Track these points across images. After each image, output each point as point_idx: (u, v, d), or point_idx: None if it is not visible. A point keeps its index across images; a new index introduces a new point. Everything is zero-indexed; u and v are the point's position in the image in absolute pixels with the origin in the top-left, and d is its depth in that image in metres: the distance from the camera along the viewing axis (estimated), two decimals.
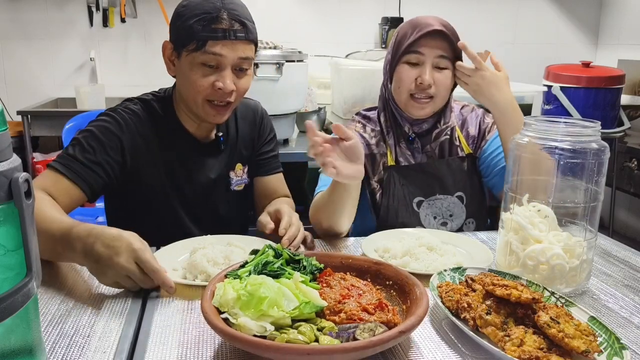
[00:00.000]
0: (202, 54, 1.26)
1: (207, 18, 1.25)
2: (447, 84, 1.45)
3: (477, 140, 1.57)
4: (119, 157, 1.33)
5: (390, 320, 0.84)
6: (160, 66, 1.42)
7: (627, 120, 3.02)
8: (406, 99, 1.47)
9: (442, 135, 1.53)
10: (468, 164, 1.55)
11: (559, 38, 3.92)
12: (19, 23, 3.35)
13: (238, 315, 0.81)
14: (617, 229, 3.63)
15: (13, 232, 0.65)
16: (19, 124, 2.96)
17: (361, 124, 1.60)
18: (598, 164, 1.04)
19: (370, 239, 1.27)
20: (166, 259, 1.13)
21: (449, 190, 1.52)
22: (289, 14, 3.58)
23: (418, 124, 1.52)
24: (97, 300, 1.00)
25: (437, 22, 1.43)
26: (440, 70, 1.44)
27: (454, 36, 1.44)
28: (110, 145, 1.31)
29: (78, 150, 1.28)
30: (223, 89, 1.29)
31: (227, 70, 1.29)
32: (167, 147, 1.40)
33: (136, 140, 1.36)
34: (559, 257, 1.04)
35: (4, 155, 0.64)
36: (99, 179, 1.29)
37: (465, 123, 1.59)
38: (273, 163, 1.60)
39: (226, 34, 1.25)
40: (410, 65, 1.45)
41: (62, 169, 1.25)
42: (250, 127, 1.55)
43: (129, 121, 1.36)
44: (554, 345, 0.80)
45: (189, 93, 1.32)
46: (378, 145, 1.55)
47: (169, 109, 1.41)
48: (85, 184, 1.26)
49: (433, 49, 1.42)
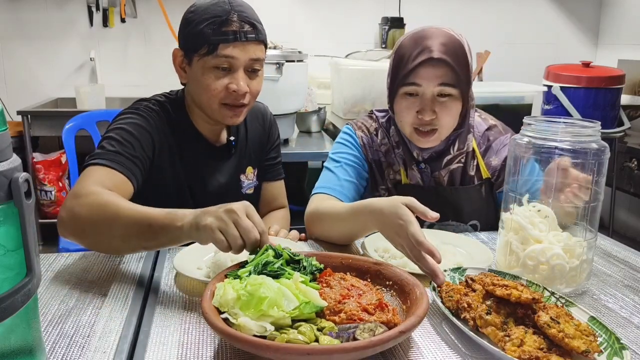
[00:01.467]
0: (214, 58, 1.26)
1: (217, 21, 1.25)
2: (452, 113, 1.34)
3: (499, 172, 1.46)
4: (150, 153, 1.32)
5: (390, 320, 0.84)
6: (160, 66, 1.42)
7: (627, 120, 3.02)
8: (410, 132, 1.37)
9: (454, 162, 1.42)
10: (485, 189, 1.46)
11: (559, 38, 3.92)
12: (19, 23, 3.35)
13: (238, 315, 0.81)
14: (617, 229, 3.63)
15: (13, 232, 0.65)
16: (19, 124, 2.96)
17: (376, 124, 1.50)
18: (598, 164, 1.04)
19: (370, 239, 1.27)
20: (191, 257, 1.14)
21: (463, 218, 1.44)
22: (289, 14, 3.58)
23: (427, 150, 1.41)
24: (97, 300, 1.00)
25: (437, 46, 1.29)
26: (443, 98, 1.31)
27: (456, 60, 1.30)
28: (143, 140, 1.29)
29: (117, 145, 1.24)
30: (237, 91, 1.29)
31: (239, 72, 1.29)
32: (182, 149, 1.39)
33: (161, 139, 1.35)
34: (559, 257, 1.04)
35: (4, 155, 0.64)
36: (140, 173, 1.26)
37: (489, 150, 1.47)
38: (277, 170, 1.61)
39: (237, 36, 1.25)
40: (410, 96, 1.34)
41: (111, 164, 1.20)
42: (259, 131, 1.55)
43: (155, 119, 1.35)
44: (554, 345, 0.80)
45: (203, 98, 1.32)
46: (386, 155, 1.46)
47: (182, 111, 1.41)
48: (134, 178, 1.23)
49: (432, 79, 1.29)
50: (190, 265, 1.11)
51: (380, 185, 1.48)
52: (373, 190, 1.49)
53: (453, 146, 1.42)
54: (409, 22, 3.50)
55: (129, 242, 1.05)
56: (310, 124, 2.83)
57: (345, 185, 1.43)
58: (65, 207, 1.11)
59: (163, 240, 1.02)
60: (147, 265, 1.17)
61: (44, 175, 3.17)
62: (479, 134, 1.49)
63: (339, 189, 1.42)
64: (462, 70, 1.32)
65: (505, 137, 1.49)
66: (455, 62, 1.30)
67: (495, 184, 1.48)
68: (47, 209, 3.21)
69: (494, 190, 1.48)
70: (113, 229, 1.05)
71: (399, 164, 1.45)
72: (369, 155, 1.48)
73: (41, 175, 3.16)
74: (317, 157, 2.52)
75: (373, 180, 1.48)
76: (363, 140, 1.49)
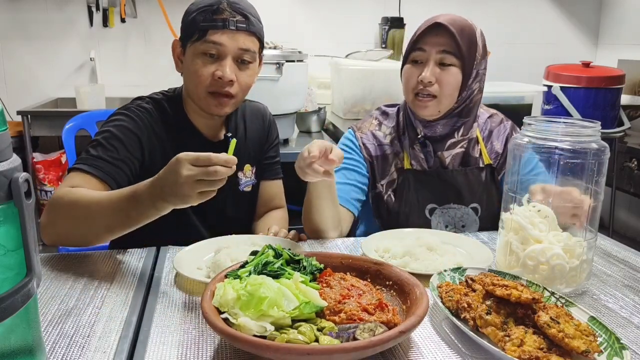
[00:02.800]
0: (202, 44, 1.30)
1: (209, 10, 1.30)
2: (451, 82, 1.39)
3: (501, 157, 1.51)
4: (139, 154, 1.34)
5: (390, 320, 0.84)
6: (160, 66, 1.43)
7: (627, 120, 3.02)
8: (412, 98, 1.43)
9: (457, 146, 1.47)
10: (486, 174, 1.50)
11: (559, 38, 3.92)
12: (19, 23, 3.34)
13: (238, 315, 0.81)
14: (617, 229, 3.63)
15: (13, 232, 0.65)
16: (19, 124, 2.96)
17: (378, 120, 1.56)
18: (598, 164, 1.04)
19: (370, 239, 1.27)
20: (191, 257, 1.14)
21: (464, 201, 1.49)
22: (289, 14, 3.57)
23: (431, 127, 1.46)
24: (97, 301, 1.00)
25: (443, 18, 1.39)
26: (444, 67, 1.38)
27: (460, 32, 1.37)
28: (130, 143, 1.32)
29: (101, 150, 1.29)
30: (222, 78, 1.31)
31: (227, 59, 1.31)
32: (177, 145, 1.40)
33: (151, 138, 1.37)
34: (559, 257, 1.04)
35: (4, 155, 0.64)
36: (124, 176, 1.29)
37: (490, 136, 1.53)
38: (275, 169, 1.62)
39: (226, 23, 1.29)
40: (415, 63, 1.42)
41: (89, 168, 1.24)
42: (258, 130, 1.57)
43: (144, 119, 1.37)
44: (554, 345, 0.80)
45: (192, 84, 1.35)
46: (392, 144, 1.51)
47: (179, 107, 1.43)
48: (113, 181, 1.26)
49: (435, 45, 1.38)
50: (190, 265, 1.11)
51: (379, 182, 1.50)
52: (372, 188, 1.52)
53: (458, 132, 1.47)
54: (409, 22, 3.50)
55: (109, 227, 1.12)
56: (310, 124, 2.83)
57: (343, 188, 1.46)
58: (44, 215, 1.18)
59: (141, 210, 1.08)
60: (147, 265, 1.17)
61: (44, 175, 3.17)
62: (482, 121, 1.54)
63: (338, 192, 1.42)
64: (466, 45, 1.38)
65: (504, 125, 1.55)
66: (459, 34, 1.37)
67: (497, 169, 1.52)
68: None
69: (496, 176, 1.52)
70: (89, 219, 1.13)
71: (403, 149, 1.50)
72: (370, 153, 1.52)
73: (41, 175, 3.16)
74: None
75: (372, 178, 1.52)
76: (362, 141, 1.53)
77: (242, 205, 1.54)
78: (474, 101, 1.46)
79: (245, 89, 1.38)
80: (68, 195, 1.15)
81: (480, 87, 1.46)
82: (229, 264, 1.06)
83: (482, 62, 1.43)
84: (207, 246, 1.20)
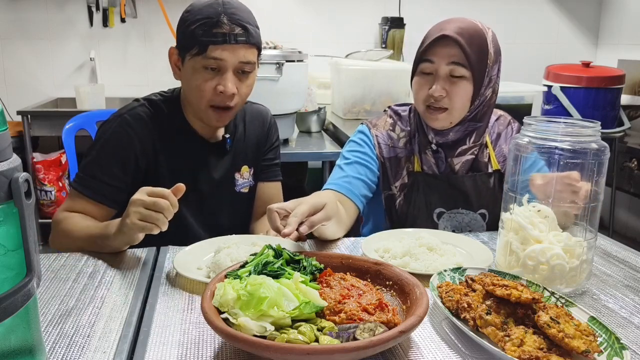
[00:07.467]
0: (203, 59, 1.29)
1: (208, 23, 1.28)
2: (462, 95, 1.36)
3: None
4: (133, 164, 1.38)
5: (390, 320, 0.84)
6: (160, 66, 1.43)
7: (627, 120, 3.02)
8: (423, 110, 1.42)
9: (467, 153, 1.46)
10: (495, 180, 1.49)
11: (559, 38, 3.92)
12: (19, 23, 3.35)
13: (238, 315, 0.81)
14: (617, 229, 3.63)
15: (13, 232, 0.65)
16: (19, 124, 2.96)
17: (392, 120, 1.54)
18: (598, 164, 1.04)
19: (370, 239, 1.27)
20: (191, 257, 1.14)
21: (473, 207, 1.48)
22: (289, 14, 3.58)
23: (442, 135, 1.45)
24: (97, 300, 1.00)
25: (451, 27, 1.35)
26: (454, 79, 1.36)
27: (469, 41, 1.34)
28: (124, 156, 1.37)
29: (96, 168, 1.35)
30: (224, 92, 1.31)
31: (228, 73, 1.31)
32: (173, 146, 1.41)
33: (145, 144, 1.39)
34: (559, 257, 1.04)
35: (4, 155, 0.64)
36: (120, 192, 1.35)
37: (499, 139, 1.52)
38: (274, 171, 1.62)
39: (226, 38, 1.28)
40: (424, 75, 1.39)
41: (85, 190, 1.34)
42: (258, 131, 1.57)
43: (137, 128, 1.38)
44: (554, 346, 0.80)
45: (193, 98, 1.36)
46: (405, 146, 1.50)
47: (177, 108, 1.43)
48: (108, 200, 1.35)
49: (444, 57, 1.35)
50: (190, 265, 1.11)
51: (393, 184, 1.49)
52: (385, 189, 1.50)
53: (469, 138, 1.46)
54: (409, 22, 3.50)
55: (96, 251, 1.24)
56: (310, 124, 2.83)
57: (353, 182, 1.45)
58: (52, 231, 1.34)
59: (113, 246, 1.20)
60: (147, 265, 1.17)
61: (44, 175, 3.17)
62: (490, 124, 1.53)
63: (347, 185, 1.43)
64: (476, 54, 1.35)
65: (512, 127, 1.55)
66: (468, 44, 1.34)
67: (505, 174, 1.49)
68: (47, 209, 3.21)
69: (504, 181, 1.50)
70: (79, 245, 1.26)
71: (415, 153, 1.48)
72: (383, 153, 1.50)
73: (41, 175, 3.16)
74: (317, 157, 2.52)
75: (385, 179, 1.50)
76: (378, 139, 1.51)
77: (238, 206, 1.54)
78: (488, 105, 1.45)
79: (245, 98, 1.39)
80: (64, 222, 1.30)
81: (495, 89, 1.44)
82: (229, 264, 1.06)
83: (494, 66, 1.41)
84: (207, 246, 1.20)
